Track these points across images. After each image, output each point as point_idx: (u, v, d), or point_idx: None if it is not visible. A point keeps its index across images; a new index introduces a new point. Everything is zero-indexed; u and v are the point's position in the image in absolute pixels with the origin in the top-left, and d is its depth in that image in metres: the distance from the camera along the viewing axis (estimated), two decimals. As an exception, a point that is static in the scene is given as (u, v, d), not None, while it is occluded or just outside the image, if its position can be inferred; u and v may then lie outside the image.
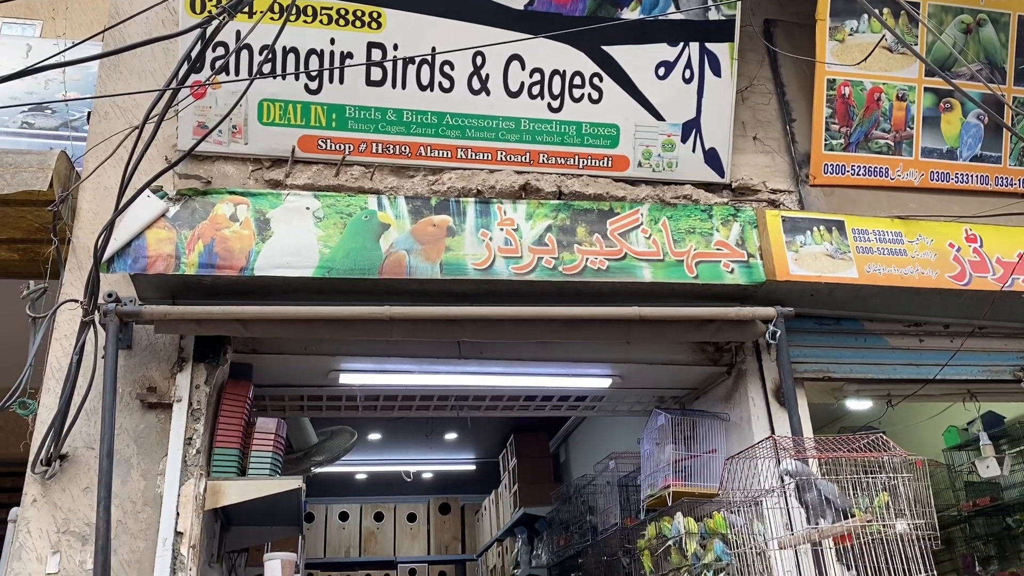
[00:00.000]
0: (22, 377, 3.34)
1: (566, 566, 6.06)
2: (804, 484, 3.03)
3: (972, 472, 5.79)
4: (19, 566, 3.30)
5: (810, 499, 2.97)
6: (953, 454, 5.94)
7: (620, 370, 4.60)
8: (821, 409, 4.59)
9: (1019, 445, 5.38)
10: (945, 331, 4.47)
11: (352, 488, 9.70)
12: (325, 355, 4.09)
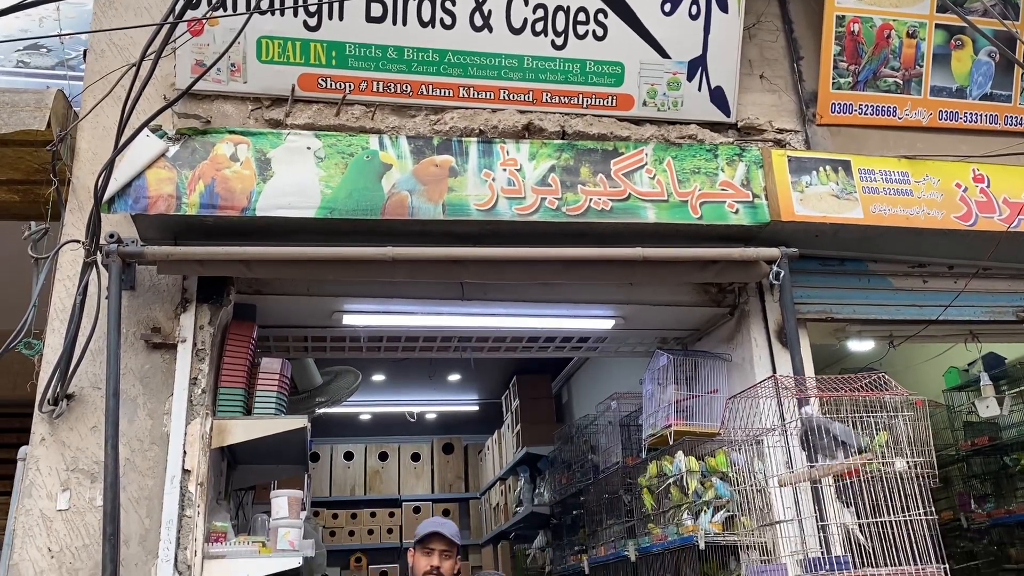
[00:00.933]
0: (26, 317, 3.36)
1: (568, 504, 6.15)
2: (818, 427, 3.04)
3: (971, 412, 5.83)
4: (30, 503, 3.35)
5: (821, 442, 2.98)
6: (953, 395, 5.98)
7: (623, 311, 4.60)
8: (823, 350, 4.61)
9: (1019, 386, 5.41)
10: (949, 272, 4.46)
11: (357, 428, 9.82)
12: (328, 296, 4.09)
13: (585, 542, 5.57)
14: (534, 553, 7.22)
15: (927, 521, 2.83)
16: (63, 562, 3.29)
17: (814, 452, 3.00)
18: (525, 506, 7.24)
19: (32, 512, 3.34)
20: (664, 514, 4.39)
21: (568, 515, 6.17)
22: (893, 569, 2.79)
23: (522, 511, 7.28)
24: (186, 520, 3.39)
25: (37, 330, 3.52)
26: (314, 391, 4.87)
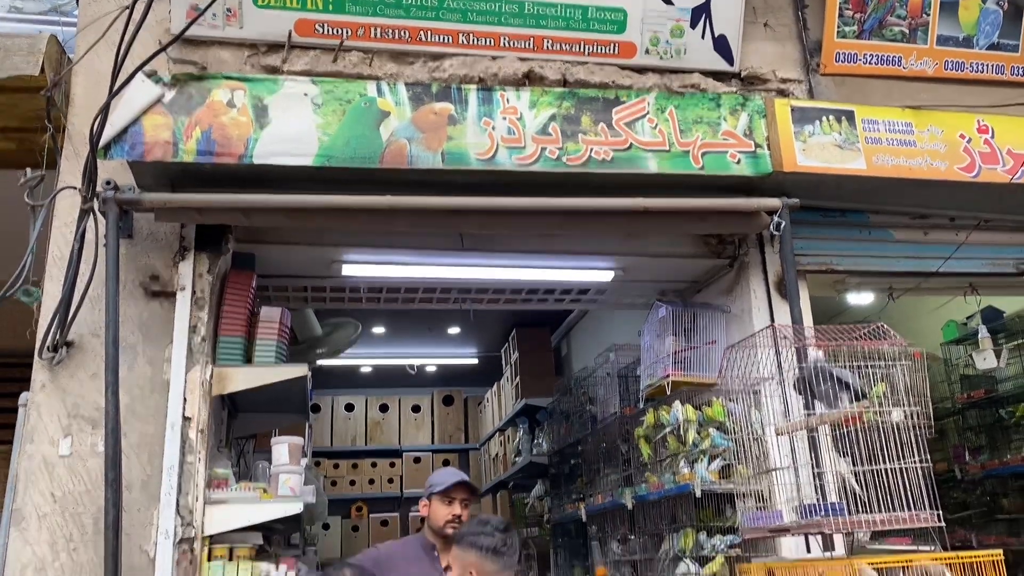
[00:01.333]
0: (23, 263, 3.35)
1: (566, 454, 6.22)
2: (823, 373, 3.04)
3: (968, 366, 5.86)
4: (32, 448, 3.38)
5: (825, 389, 2.99)
6: (950, 348, 6.00)
7: (622, 263, 4.60)
8: (822, 303, 4.61)
9: (1017, 339, 5.42)
10: (950, 224, 4.45)
11: (357, 381, 9.88)
12: (327, 246, 4.08)
13: (583, 491, 5.64)
14: (532, 502, 7.32)
15: (922, 469, 2.86)
16: (66, 506, 3.33)
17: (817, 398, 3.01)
18: (524, 456, 7.31)
19: (34, 457, 3.37)
20: (661, 463, 4.44)
21: (566, 465, 6.24)
22: (888, 515, 2.82)
23: (521, 461, 7.35)
24: (187, 466, 3.42)
25: (35, 277, 3.52)
26: (314, 341, 4.88)
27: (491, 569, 2.75)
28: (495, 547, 2.79)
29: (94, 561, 3.27)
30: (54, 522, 3.31)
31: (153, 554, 3.30)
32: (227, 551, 3.49)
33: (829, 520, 2.79)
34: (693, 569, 4.02)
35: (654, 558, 4.45)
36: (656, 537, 4.51)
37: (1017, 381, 5.56)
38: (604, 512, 5.18)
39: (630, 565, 4.78)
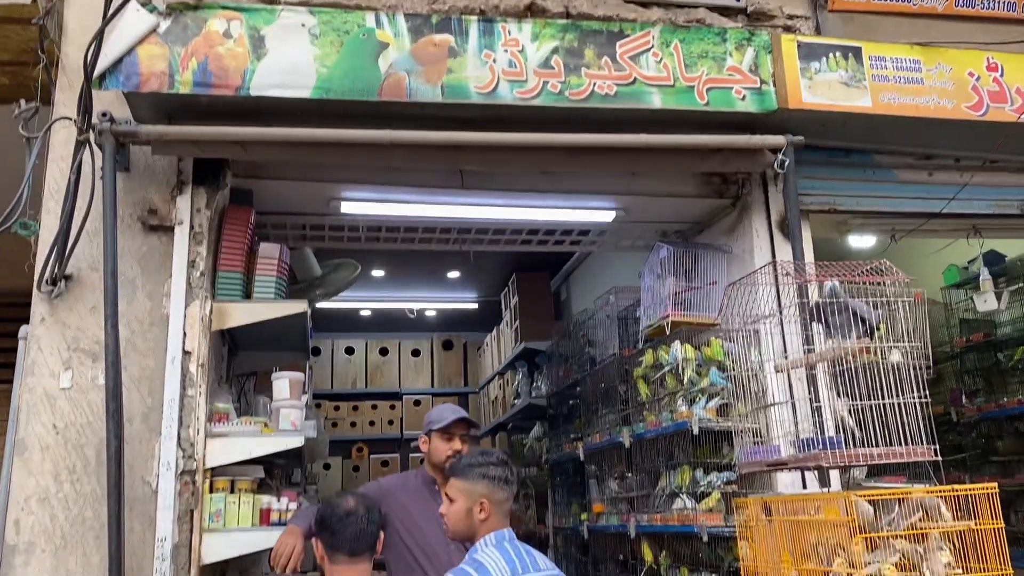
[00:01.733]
0: (19, 196, 3.32)
1: (564, 395, 6.25)
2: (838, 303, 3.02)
3: (968, 310, 5.86)
4: (33, 381, 3.39)
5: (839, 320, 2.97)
6: (951, 292, 5.99)
7: (624, 203, 4.56)
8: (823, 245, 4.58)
9: (1018, 282, 5.41)
10: (955, 164, 4.40)
11: (357, 324, 9.90)
12: (325, 182, 4.04)
13: (581, 431, 5.69)
14: (531, 443, 7.38)
15: (920, 405, 2.86)
16: (68, 438, 3.35)
17: (829, 329, 3.00)
18: (523, 398, 7.36)
19: (36, 390, 3.38)
20: (659, 402, 4.46)
21: (564, 406, 6.28)
22: (885, 450, 2.83)
23: (520, 403, 7.40)
24: (188, 400, 3.43)
25: (32, 211, 3.49)
26: (313, 281, 4.86)
27: (501, 498, 2.78)
28: (505, 477, 2.81)
29: (97, 491, 3.31)
30: (57, 453, 3.34)
31: (155, 485, 3.33)
32: (228, 483, 3.53)
33: (826, 453, 2.79)
34: (689, 504, 4.06)
35: (651, 495, 4.50)
36: (653, 474, 4.55)
37: (1016, 325, 5.56)
38: (602, 451, 5.23)
39: (627, 502, 4.84)
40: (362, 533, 2.59)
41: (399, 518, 3.64)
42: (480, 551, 2.74)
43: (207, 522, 3.38)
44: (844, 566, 2.67)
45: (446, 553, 3.51)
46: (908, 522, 2.71)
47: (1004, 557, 2.65)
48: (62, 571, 3.24)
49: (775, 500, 3.12)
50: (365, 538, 2.59)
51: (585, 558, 5.65)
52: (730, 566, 3.88)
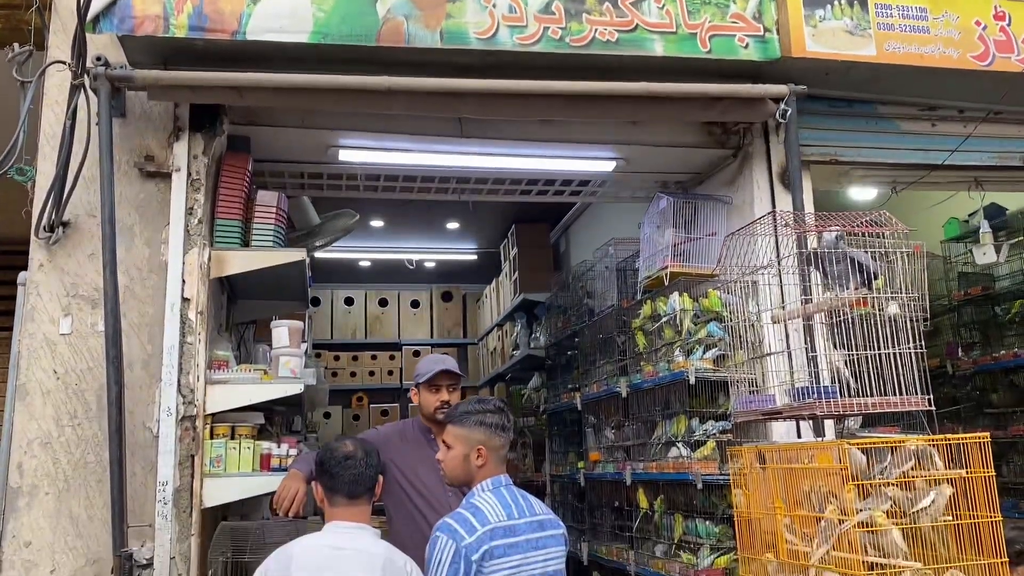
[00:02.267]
0: (14, 140, 3.30)
1: (563, 346, 6.28)
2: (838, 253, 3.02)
3: (967, 263, 5.86)
4: (33, 327, 3.41)
5: (836, 270, 2.97)
6: (950, 245, 5.98)
7: (624, 153, 4.53)
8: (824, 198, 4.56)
9: (1018, 236, 5.40)
10: (959, 116, 4.37)
11: (356, 275, 9.91)
12: (323, 129, 4.01)
13: (578, 381, 5.72)
14: (529, 393, 7.44)
15: (915, 355, 2.88)
16: (69, 383, 3.38)
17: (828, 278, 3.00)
18: (522, 349, 7.40)
19: (36, 336, 3.40)
20: (656, 352, 4.48)
21: (563, 357, 6.31)
22: (879, 399, 2.85)
23: (518, 354, 7.45)
24: (187, 347, 3.45)
25: (28, 156, 3.47)
26: (312, 230, 4.85)
27: (497, 444, 2.82)
28: (502, 424, 2.85)
29: (98, 436, 3.35)
30: (58, 398, 3.37)
31: (156, 430, 3.37)
32: (229, 429, 3.56)
33: (821, 403, 2.82)
34: (685, 453, 4.11)
35: (647, 443, 4.55)
36: (649, 424, 4.60)
37: (1015, 279, 5.56)
38: (599, 400, 5.27)
39: (623, 450, 4.89)
40: (361, 476, 2.62)
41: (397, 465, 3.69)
42: (477, 496, 2.79)
43: (208, 467, 3.42)
44: (836, 513, 2.71)
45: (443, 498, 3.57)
46: (900, 470, 2.75)
47: (994, 505, 2.68)
48: (65, 513, 3.29)
49: (769, 449, 3.15)
50: (364, 481, 2.62)
51: (581, 505, 5.74)
52: (724, 513, 3.94)
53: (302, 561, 2.43)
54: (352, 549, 2.48)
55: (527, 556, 2.68)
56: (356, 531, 2.56)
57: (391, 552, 2.53)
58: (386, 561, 2.46)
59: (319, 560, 2.44)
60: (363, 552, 2.48)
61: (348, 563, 2.43)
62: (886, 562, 2.63)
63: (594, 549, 5.26)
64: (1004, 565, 2.65)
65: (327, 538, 2.53)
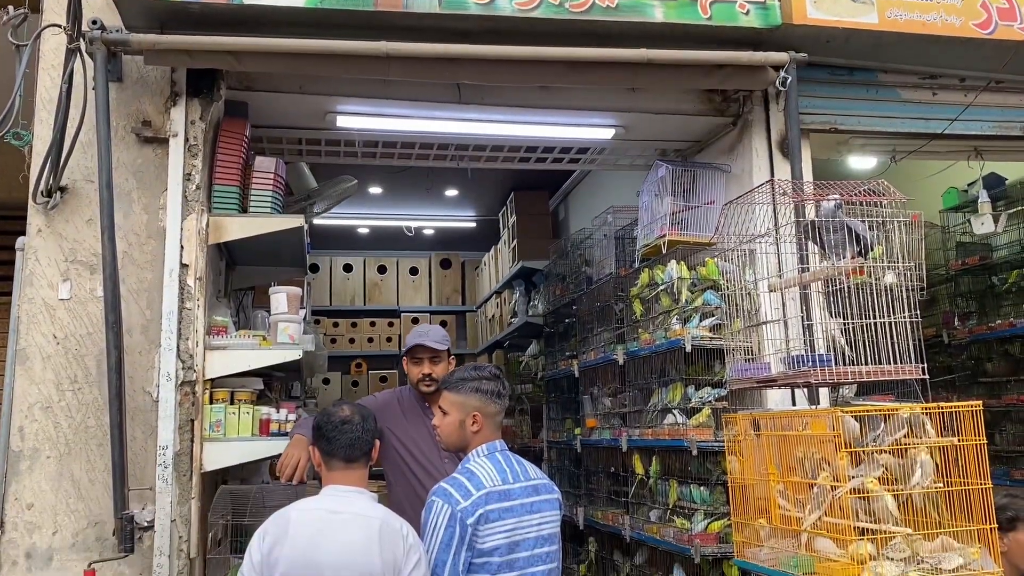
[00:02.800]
0: (10, 104, 3.28)
1: (560, 314, 6.30)
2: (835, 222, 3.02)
3: (965, 233, 5.86)
4: (32, 292, 3.42)
5: (835, 238, 2.97)
6: (949, 215, 5.98)
7: (623, 120, 4.51)
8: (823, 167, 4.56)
9: (1017, 206, 5.39)
10: (960, 84, 4.34)
11: (355, 242, 9.91)
12: (321, 95, 3.99)
13: (576, 348, 5.75)
14: (527, 360, 7.48)
15: (910, 324, 2.90)
16: (68, 348, 3.40)
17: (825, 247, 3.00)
18: (520, 317, 7.42)
19: (35, 300, 3.41)
20: (653, 320, 4.50)
21: (560, 324, 6.33)
22: (873, 368, 2.87)
23: (517, 322, 7.47)
24: (186, 312, 3.46)
25: (24, 121, 3.45)
26: (311, 193, 4.85)
27: (492, 411, 2.85)
28: (498, 391, 2.87)
29: (99, 400, 3.37)
30: (58, 363, 3.39)
31: (156, 395, 3.39)
32: (228, 395, 3.59)
33: (815, 371, 2.84)
34: (680, 420, 4.14)
35: (643, 410, 4.58)
36: (646, 391, 4.63)
37: (1012, 248, 5.57)
38: (596, 368, 5.30)
39: (619, 417, 4.93)
40: (357, 440, 2.63)
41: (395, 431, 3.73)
42: (472, 461, 2.82)
43: (207, 431, 3.45)
44: (828, 479, 2.74)
45: (439, 464, 3.61)
46: (893, 438, 2.78)
47: (984, 472, 2.72)
48: (67, 476, 3.33)
49: (764, 416, 3.18)
50: (360, 445, 2.64)
51: (578, 471, 5.79)
52: (718, 479, 3.99)
53: (299, 525, 2.45)
54: (349, 513, 2.51)
55: (522, 520, 2.72)
56: (353, 495, 2.58)
57: (388, 516, 2.55)
58: (383, 524, 2.49)
59: (316, 524, 2.46)
60: (360, 516, 2.50)
61: (345, 527, 2.46)
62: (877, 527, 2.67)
63: (590, 514, 5.33)
64: (993, 531, 2.70)
65: (324, 502, 2.56)
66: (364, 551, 2.42)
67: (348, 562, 2.40)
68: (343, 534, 2.44)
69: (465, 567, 2.62)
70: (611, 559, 5.29)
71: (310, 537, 2.43)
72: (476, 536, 2.63)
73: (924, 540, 2.68)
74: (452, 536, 2.61)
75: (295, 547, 2.41)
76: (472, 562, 2.63)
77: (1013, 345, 5.58)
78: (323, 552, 2.40)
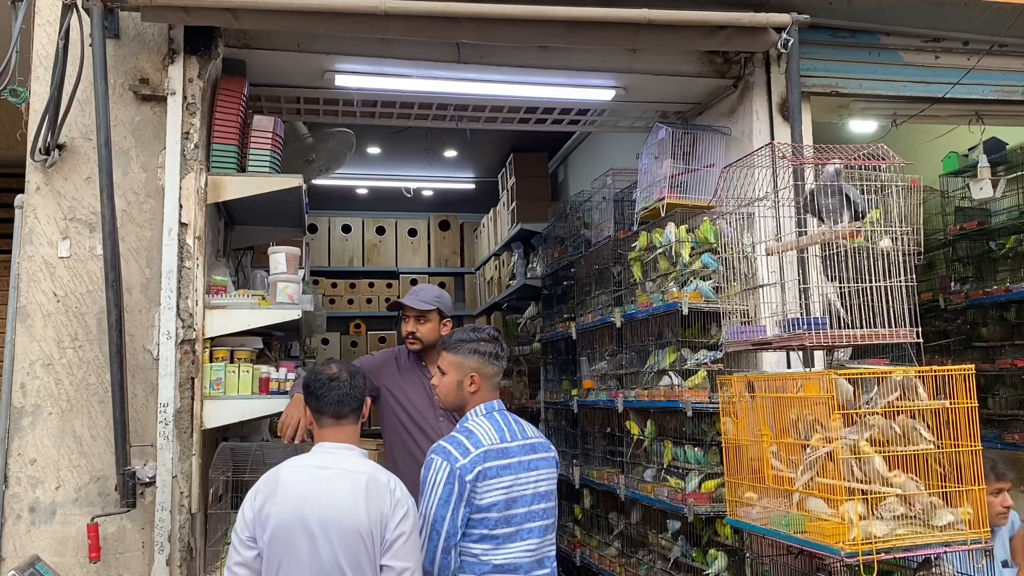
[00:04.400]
0: (7, 60, 3.25)
1: (559, 276, 6.31)
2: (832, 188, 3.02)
3: (964, 198, 5.86)
4: (31, 250, 3.43)
5: (831, 203, 2.98)
6: (948, 180, 5.97)
7: (624, 81, 4.49)
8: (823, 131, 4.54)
9: (1017, 171, 5.38)
10: (963, 48, 4.31)
11: (354, 202, 9.88)
12: (319, 53, 3.96)
13: (574, 311, 5.78)
14: (525, 322, 7.50)
15: (906, 289, 2.91)
16: (69, 306, 3.42)
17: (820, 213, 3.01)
18: (518, 279, 7.43)
19: (35, 258, 3.42)
20: (651, 283, 4.52)
21: (559, 287, 6.35)
22: (868, 331, 2.90)
23: (515, 284, 7.48)
24: (186, 271, 3.47)
25: (22, 77, 3.43)
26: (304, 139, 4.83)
27: (490, 372, 2.88)
28: (496, 353, 2.91)
29: (99, 358, 3.40)
30: (58, 320, 3.41)
31: (156, 353, 3.42)
32: (228, 353, 3.62)
33: (810, 334, 2.86)
34: (676, 381, 4.18)
35: (639, 372, 4.62)
36: (642, 353, 4.66)
37: (1011, 214, 5.57)
38: (593, 330, 5.33)
39: (616, 379, 4.97)
40: (345, 397, 2.65)
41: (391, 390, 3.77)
42: (471, 420, 2.86)
43: (208, 389, 3.48)
44: (821, 441, 2.78)
45: (435, 423, 3.66)
46: (886, 400, 2.81)
47: (975, 434, 2.76)
48: (69, 432, 3.36)
49: (758, 378, 3.22)
50: (349, 402, 2.65)
51: (574, 431, 5.85)
52: (712, 440, 4.03)
53: (288, 483, 2.50)
54: (337, 469, 2.54)
55: (519, 477, 2.76)
56: (342, 451, 2.62)
57: (376, 471, 2.58)
58: (370, 479, 2.52)
59: (305, 481, 2.50)
60: (348, 472, 2.53)
61: (333, 482, 2.50)
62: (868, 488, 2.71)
63: (585, 473, 5.40)
64: (982, 492, 2.74)
65: (314, 459, 2.60)
66: (351, 506, 2.46)
67: (336, 517, 2.44)
68: (331, 490, 2.48)
69: (463, 522, 2.68)
70: (605, 518, 5.37)
71: (299, 494, 2.47)
72: (474, 492, 2.68)
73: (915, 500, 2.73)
74: (451, 492, 2.66)
75: (284, 504, 2.45)
76: (470, 517, 2.69)
77: (1008, 310, 5.61)
78: (311, 508, 2.45)
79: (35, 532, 3.31)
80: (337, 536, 2.43)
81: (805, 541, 2.76)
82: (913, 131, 5.14)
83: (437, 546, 2.66)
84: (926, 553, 2.70)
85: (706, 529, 4.12)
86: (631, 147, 5.47)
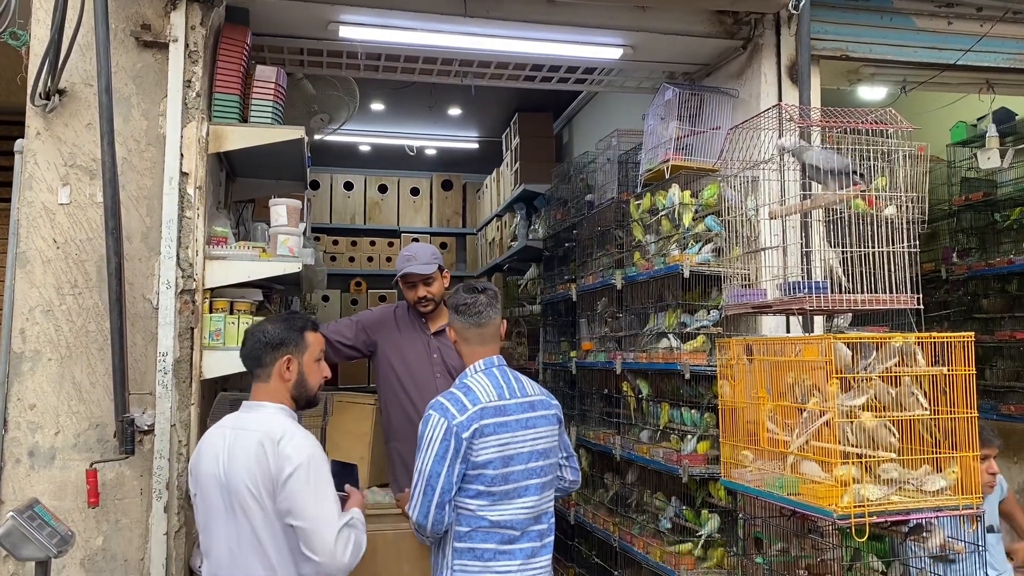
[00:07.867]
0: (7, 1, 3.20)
1: (561, 238, 6.29)
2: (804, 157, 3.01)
3: (971, 168, 5.81)
4: (31, 195, 3.41)
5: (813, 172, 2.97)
6: (956, 150, 5.92)
7: (631, 40, 4.42)
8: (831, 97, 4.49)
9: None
10: (977, 14, 4.25)
11: (356, 160, 9.82)
12: (324, 3, 3.91)
13: (575, 273, 5.77)
14: (526, 283, 7.50)
15: (908, 255, 2.90)
16: (68, 253, 3.41)
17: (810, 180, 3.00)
18: (520, 240, 7.41)
19: (34, 204, 3.40)
20: (653, 245, 4.50)
21: (560, 248, 6.34)
22: (868, 296, 2.89)
23: (517, 245, 7.47)
24: (186, 221, 3.46)
25: (21, 20, 3.39)
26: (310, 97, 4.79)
27: (459, 326, 2.94)
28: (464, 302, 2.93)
29: (99, 306, 3.40)
30: (58, 267, 3.40)
31: (156, 302, 3.42)
32: (227, 305, 3.62)
33: (811, 298, 2.86)
34: (675, 344, 4.18)
35: (639, 334, 4.62)
36: (642, 316, 4.66)
37: (1017, 185, 5.53)
38: (594, 292, 5.33)
39: (615, 341, 4.98)
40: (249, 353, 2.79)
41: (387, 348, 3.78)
42: (469, 376, 2.87)
43: (207, 340, 3.49)
44: (818, 405, 2.79)
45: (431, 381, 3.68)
46: (884, 366, 2.81)
47: (972, 402, 2.76)
48: (68, 378, 3.37)
49: (757, 341, 3.21)
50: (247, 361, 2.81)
51: (572, 392, 5.88)
52: (709, 403, 4.05)
53: (204, 442, 2.72)
54: (237, 428, 2.67)
55: (516, 435, 2.78)
56: (255, 408, 2.73)
57: (271, 429, 2.61)
58: (263, 437, 2.58)
59: (217, 440, 2.68)
60: (244, 430, 2.64)
61: (235, 440, 2.62)
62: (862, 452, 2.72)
63: (582, 433, 5.43)
64: (975, 459, 2.75)
65: (230, 418, 2.75)
66: (245, 464, 2.58)
67: (235, 473, 2.58)
68: (232, 449, 2.62)
69: (459, 479, 2.70)
70: (601, 478, 5.42)
71: (212, 454, 2.65)
72: (471, 449, 2.69)
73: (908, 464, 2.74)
74: (447, 449, 2.68)
75: (200, 461, 2.69)
76: (467, 474, 2.71)
77: (1010, 283, 5.60)
78: (218, 465, 2.62)
79: (34, 476, 3.33)
80: (237, 494, 2.57)
81: (799, 503, 2.78)
82: (922, 99, 5.08)
83: (432, 501, 2.68)
84: (918, 517, 2.72)
85: (700, 490, 4.16)
86: (637, 109, 5.41)
